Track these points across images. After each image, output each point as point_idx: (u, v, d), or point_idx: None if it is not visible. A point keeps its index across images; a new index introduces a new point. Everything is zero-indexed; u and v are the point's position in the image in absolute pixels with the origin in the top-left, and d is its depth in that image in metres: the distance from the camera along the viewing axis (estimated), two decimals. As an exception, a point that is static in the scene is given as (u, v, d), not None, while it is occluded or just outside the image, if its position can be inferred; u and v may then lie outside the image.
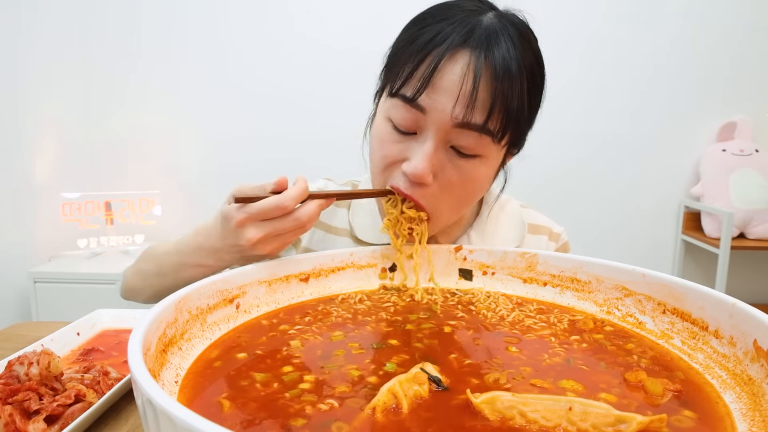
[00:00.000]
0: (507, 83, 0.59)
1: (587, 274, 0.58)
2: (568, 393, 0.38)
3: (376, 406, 0.35)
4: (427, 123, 0.62)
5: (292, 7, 2.43)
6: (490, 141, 0.62)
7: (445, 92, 0.60)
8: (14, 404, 0.47)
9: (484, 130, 0.61)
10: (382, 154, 0.68)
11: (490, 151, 0.64)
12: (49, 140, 2.33)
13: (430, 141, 0.62)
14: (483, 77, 0.59)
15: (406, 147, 0.65)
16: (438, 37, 0.61)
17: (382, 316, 0.55)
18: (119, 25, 2.48)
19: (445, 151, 0.64)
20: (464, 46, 0.60)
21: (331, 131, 2.39)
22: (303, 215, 0.59)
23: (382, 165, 0.68)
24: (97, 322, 0.74)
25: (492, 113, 0.60)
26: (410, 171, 0.63)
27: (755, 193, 2.25)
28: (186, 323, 0.45)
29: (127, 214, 2.38)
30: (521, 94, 0.61)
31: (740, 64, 2.37)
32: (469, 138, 0.62)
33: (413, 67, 0.61)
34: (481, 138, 0.62)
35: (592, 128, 2.45)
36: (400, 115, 0.64)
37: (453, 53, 0.60)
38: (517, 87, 0.61)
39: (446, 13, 0.63)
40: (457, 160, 0.64)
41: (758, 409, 0.35)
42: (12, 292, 2.20)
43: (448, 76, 0.60)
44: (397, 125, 0.65)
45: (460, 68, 0.59)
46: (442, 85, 0.60)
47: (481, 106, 0.60)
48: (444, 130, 0.62)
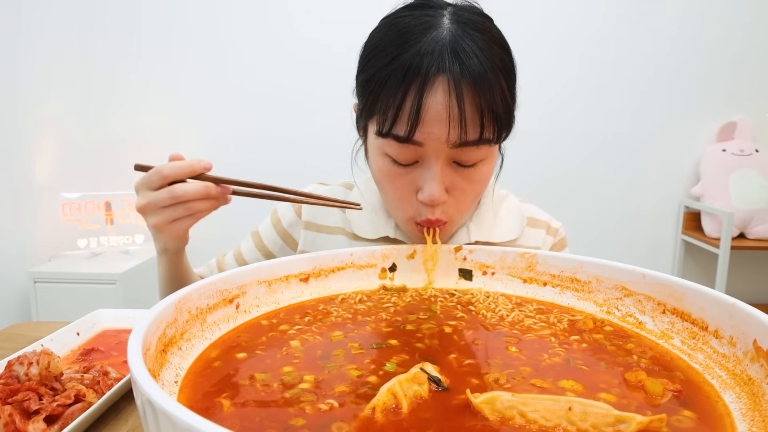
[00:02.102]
0: (488, 92, 0.61)
1: (587, 274, 0.58)
2: (568, 393, 0.38)
3: (375, 406, 0.35)
4: (427, 152, 0.64)
5: (292, 7, 2.43)
6: (488, 146, 0.65)
7: (436, 122, 0.61)
8: (14, 404, 0.47)
9: (481, 141, 0.63)
10: (394, 191, 0.70)
11: (490, 152, 0.67)
12: (49, 140, 2.33)
13: (434, 166, 0.65)
14: (465, 96, 0.61)
15: (413, 177, 0.67)
16: (411, 71, 0.61)
17: (382, 316, 0.55)
18: (119, 25, 2.48)
19: (450, 167, 0.66)
20: (439, 73, 0.61)
21: (331, 131, 2.38)
22: (177, 189, 0.63)
23: (396, 198, 0.71)
24: (97, 322, 0.74)
25: (484, 125, 0.62)
26: (428, 199, 0.65)
27: (755, 193, 2.25)
28: (186, 323, 0.45)
29: (127, 214, 2.38)
30: (503, 94, 0.63)
31: (740, 64, 2.37)
32: (469, 153, 0.64)
33: (397, 107, 0.62)
34: (481, 148, 0.64)
35: (592, 128, 2.46)
36: (398, 151, 0.65)
37: (431, 83, 0.61)
38: (498, 90, 0.62)
39: (404, 37, 0.63)
40: (463, 171, 0.67)
41: (758, 409, 0.35)
42: (12, 292, 2.20)
43: (434, 107, 0.61)
44: (397, 160, 0.66)
45: (442, 96, 0.61)
46: (430, 117, 0.61)
47: (472, 123, 0.62)
48: (444, 154, 0.64)
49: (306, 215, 0.89)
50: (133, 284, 2.17)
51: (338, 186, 0.92)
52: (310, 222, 0.88)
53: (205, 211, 0.66)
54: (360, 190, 0.89)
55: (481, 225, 0.83)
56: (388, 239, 0.82)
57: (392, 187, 0.70)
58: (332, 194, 0.90)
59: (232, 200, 0.69)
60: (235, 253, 0.92)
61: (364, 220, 0.84)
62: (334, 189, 0.91)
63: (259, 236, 0.92)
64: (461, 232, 0.82)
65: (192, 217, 0.65)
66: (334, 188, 0.92)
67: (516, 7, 2.32)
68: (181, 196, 0.63)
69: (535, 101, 2.41)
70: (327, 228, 0.87)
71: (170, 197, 0.63)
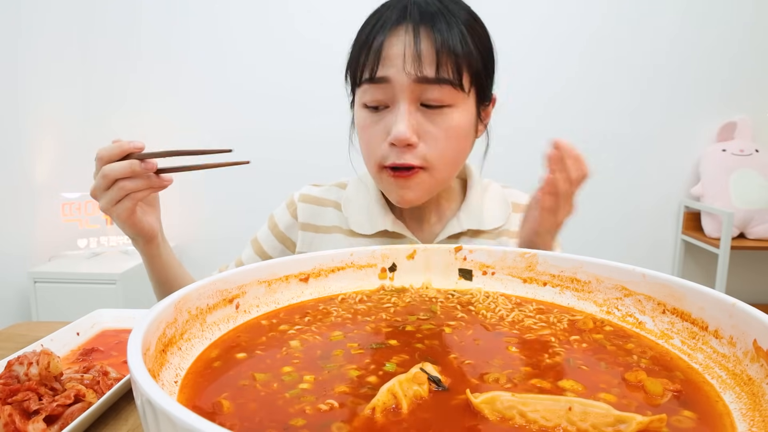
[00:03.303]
0: (446, 34, 0.69)
1: (587, 274, 0.57)
2: (568, 393, 0.38)
3: (375, 407, 0.35)
4: (394, 90, 0.71)
5: (292, 7, 2.43)
6: (452, 89, 0.70)
7: (396, 57, 0.69)
8: (14, 404, 0.47)
9: (440, 80, 0.69)
10: (369, 139, 0.75)
11: (458, 100, 0.72)
12: (49, 140, 2.33)
13: (402, 104, 0.71)
14: (423, 35, 0.69)
15: (384, 123, 0.73)
16: (379, 23, 0.71)
17: (382, 316, 0.55)
18: (119, 25, 2.48)
19: (418, 111, 0.72)
20: (402, 21, 0.70)
21: (331, 131, 2.38)
22: (105, 168, 0.66)
23: (369, 146, 0.76)
24: (97, 322, 0.74)
25: (441, 62, 0.68)
26: (394, 136, 0.70)
27: (755, 193, 2.25)
28: (186, 323, 0.45)
29: (127, 215, 2.38)
30: (463, 39, 0.70)
31: (740, 64, 2.37)
32: (432, 91, 0.70)
33: (366, 54, 0.71)
34: (443, 88, 0.70)
35: (592, 128, 2.45)
36: (370, 95, 0.73)
37: (394, 28, 0.70)
38: (457, 34, 0.69)
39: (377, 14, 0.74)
40: (431, 115, 0.72)
41: (758, 409, 0.35)
42: (12, 292, 2.20)
43: (395, 46, 0.70)
44: (370, 105, 0.74)
45: (402, 36, 0.69)
46: (391, 53, 0.70)
47: (429, 58, 0.69)
48: (409, 91, 0.70)
49: (302, 216, 0.90)
50: (133, 284, 2.17)
51: (332, 186, 0.93)
52: (306, 223, 0.89)
53: (139, 191, 0.68)
54: (354, 188, 0.90)
55: (471, 213, 0.86)
56: (386, 233, 0.84)
57: (367, 136, 0.76)
58: (326, 194, 0.92)
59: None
60: (236, 262, 0.94)
61: (361, 217, 0.86)
62: (327, 189, 0.93)
63: (258, 243, 0.93)
64: (452, 222, 0.85)
65: (129, 198, 0.68)
66: (328, 188, 0.93)
67: (516, 7, 2.32)
68: (109, 174, 0.66)
69: (535, 101, 2.41)
70: (324, 228, 0.89)
71: (103, 178, 0.66)
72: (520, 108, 2.42)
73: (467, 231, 0.86)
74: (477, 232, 0.87)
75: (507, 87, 2.35)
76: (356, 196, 0.88)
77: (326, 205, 0.90)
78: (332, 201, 0.90)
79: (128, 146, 0.67)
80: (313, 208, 0.90)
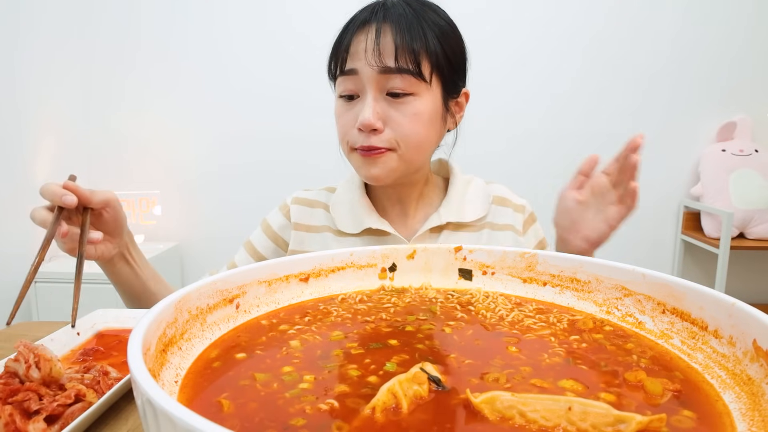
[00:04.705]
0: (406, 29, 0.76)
1: (587, 274, 0.58)
2: (568, 393, 0.38)
3: (375, 406, 0.35)
4: (362, 81, 0.78)
5: (291, 7, 2.43)
6: (412, 78, 0.77)
7: (362, 52, 0.77)
8: (14, 404, 0.47)
9: (400, 69, 0.76)
10: (342, 126, 0.83)
11: (420, 89, 0.78)
12: (49, 140, 2.33)
13: (368, 94, 0.78)
14: (385, 31, 0.77)
15: (355, 111, 0.80)
16: (351, 24, 0.80)
17: (382, 316, 0.55)
18: (118, 24, 2.48)
19: (384, 99, 0.79)
20: (369, 21, 0.78)
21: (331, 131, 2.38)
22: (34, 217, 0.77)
23: (342, 131, 0.84)
24: (97, 322, 0.74)
25: (399, 53, 0.76)
26: (360, 121, 0.78)
27: (755, 193, 2.25)
28: (186, 323, 0.45)
29: (127, 214, 2.38)
30: (423, 34, 0.77)
31: (740, 64, 2.37)
32: (395, 80, 0.77)
33: (338, 50, 0.81)
34: (403, 77, 0.77)
35: (593, 128, 2.46)
36: (342, 86, 0.81)
37: (362, 27, 0.79)
38: (417, 29, 0.76)
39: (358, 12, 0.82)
40: (395, 103, 0.79)
41: (758, 408, 0.35)
42: (12, 292, 2.19)
43: (360, 41, 0.78)
44: (343, 95, 0.82)
45: (367, 33, 0.78)
46: (357, 48, 0.78)
47: (388, 50, 0.76)
48: (374, 81, 0.77)
49: (295, 217, 0.96)
50: (133, 284, 2.17)
51: (321, 190, 0.99)
52: (298, 223, 0.95)
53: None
54: (341, 191, 0.96)
55: (451, 208, 0.91)
56: (371, 230, 0.89)
57: (340, 123, 0.84)
58: (316, 197, 0.98)
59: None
60: (229, 266, 0.96)
61: (347, 218, 0.91)
62: (317, 192, 0.99)
63: (251, 245, 0.98)
64: (433, 216, 0.90)
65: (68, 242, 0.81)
66: (318, 192, 0.99)
67: (518, 9, 2.32)
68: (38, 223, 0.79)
69: (536, 102, 2.41)
70: (315, 227, 0.94)
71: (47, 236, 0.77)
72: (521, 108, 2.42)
73: (447, 224, 0.91)
74: (459, 225, 0.91)
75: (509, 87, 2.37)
76: (343, 199, 0.94)
77: (316, 207, 0.96)
78: (322, 203, 0.97)
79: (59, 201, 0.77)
80: (304, 209, 0.96)
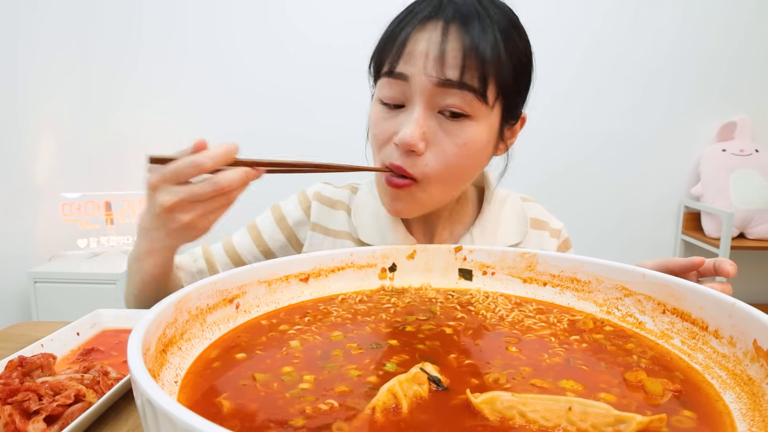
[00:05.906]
0: (478, 35, 0.62)
1: (587, 274, 0.58)
2: (568, 393, 0.38)
3: (375, 406, 0.35)
4: (412, 90, 0.64)
5: (292, 7, 2.43)
6: (474, 98, 0.63)
7: (420, 56, 0.63)
8: (14, 404, 0.47)
9: (463, 85, 0.62)
10: (377, 135, 0.69)
11: (479, 113, 0.65)
12: (49, 140, 2.33)
13: (417, 107, 0.64)
14: (451, 35, 0.62)
15: (396, 122, 0.66)
16: (409, 16, 0.65)
17: (382, 316, 0.55)
18: (119, 24, 2.48)
19: (434, 117, 0.65)
20: (433, 17, 0.63)
21: (332, 131, 2.39)
22: (222, 179, 0.56)
23: (377, 143, 0.70)
24: (97, 322, 0.74)
25: (466, 67, 0.61)
26: (399, 139, 0.64)
27: (755, 193, 2.25)
28: (186, 323, 0.45)
29: (127, 214, 2.38)
30: (495, 45, 0.63)
31: (740, 63, 2.37)
32: (453, 97, 0.63)
33: (390, 46, 0.65)
34: (464, 95, 0.63)
35: (592, 128, 2.46)
36: (387, 91, 0.67)
37: (423, 23, 0.64)
38: (491, 39, 0.62)
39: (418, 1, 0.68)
40: (447, 124, 0.65)
41: (758, 409, 0.35)
42: (12, 292, 2.20)
43: (420, 42, 0.63)
44: (385, 101, 0.67)
45: (430, 32, 0.63)
46: (415, 50, 0.63)
47: (454, 61, 0.62)
48: (427, 93, 0.63)
49: (315, 216, 0.86)
50: (133, 284, 2.17)
51: (344, 188, 0.90)
52: (317, 224, 0.86)
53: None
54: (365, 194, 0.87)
55: (485, 230, 0.81)
56: None
57: (376, 132, 0.69)
58: (338, 196, 0.88)
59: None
60: (225, 245, 0.88)
61: (371, 228, 0.82)
62: (340, 191, 0.89)
63: (257, 231, 0.88)
64: (465, 238, 0.81)
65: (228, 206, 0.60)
66: (340, 190, 0.89)
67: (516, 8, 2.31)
68: (226, 186, 0.56)
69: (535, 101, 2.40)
70: (334, 232, 0.85)
71: (215, 189, 0.56)
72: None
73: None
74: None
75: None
76: (367, 204, 0.84)
77: (337, 208, 0.86)
78: (344, 204, 0.86)
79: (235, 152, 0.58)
80: (325, 209, 0.86)
